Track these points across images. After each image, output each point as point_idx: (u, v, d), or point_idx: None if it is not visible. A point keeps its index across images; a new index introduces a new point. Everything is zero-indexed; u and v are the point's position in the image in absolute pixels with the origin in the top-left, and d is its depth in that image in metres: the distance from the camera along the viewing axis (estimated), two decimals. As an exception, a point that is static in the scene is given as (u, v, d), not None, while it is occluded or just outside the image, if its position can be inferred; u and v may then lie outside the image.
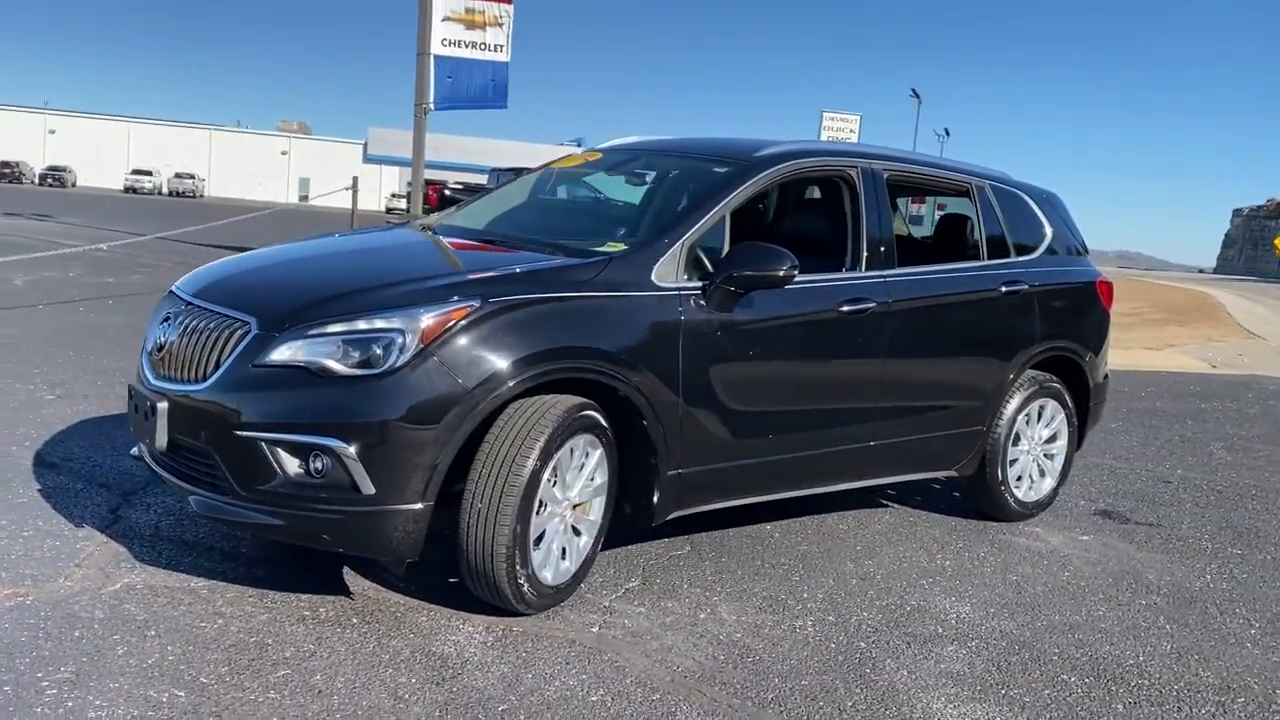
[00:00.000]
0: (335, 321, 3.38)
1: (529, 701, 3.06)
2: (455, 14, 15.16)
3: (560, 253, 4.04)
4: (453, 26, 15.16)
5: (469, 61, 15.15)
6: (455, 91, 15.06)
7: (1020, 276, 5.17)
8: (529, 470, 3.44)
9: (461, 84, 15.08)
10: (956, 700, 3.34)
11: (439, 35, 14.99)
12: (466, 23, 15.23)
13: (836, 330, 4.39)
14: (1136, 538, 5.34)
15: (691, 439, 3.97)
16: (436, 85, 14.93)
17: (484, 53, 15.25)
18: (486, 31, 15.27)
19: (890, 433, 4.70)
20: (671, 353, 3.86)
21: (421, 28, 15.04)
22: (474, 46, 15.24)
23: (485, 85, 15.06)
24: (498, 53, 15.32)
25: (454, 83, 15.05)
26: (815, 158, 4.66)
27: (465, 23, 15.22)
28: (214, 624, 3.38)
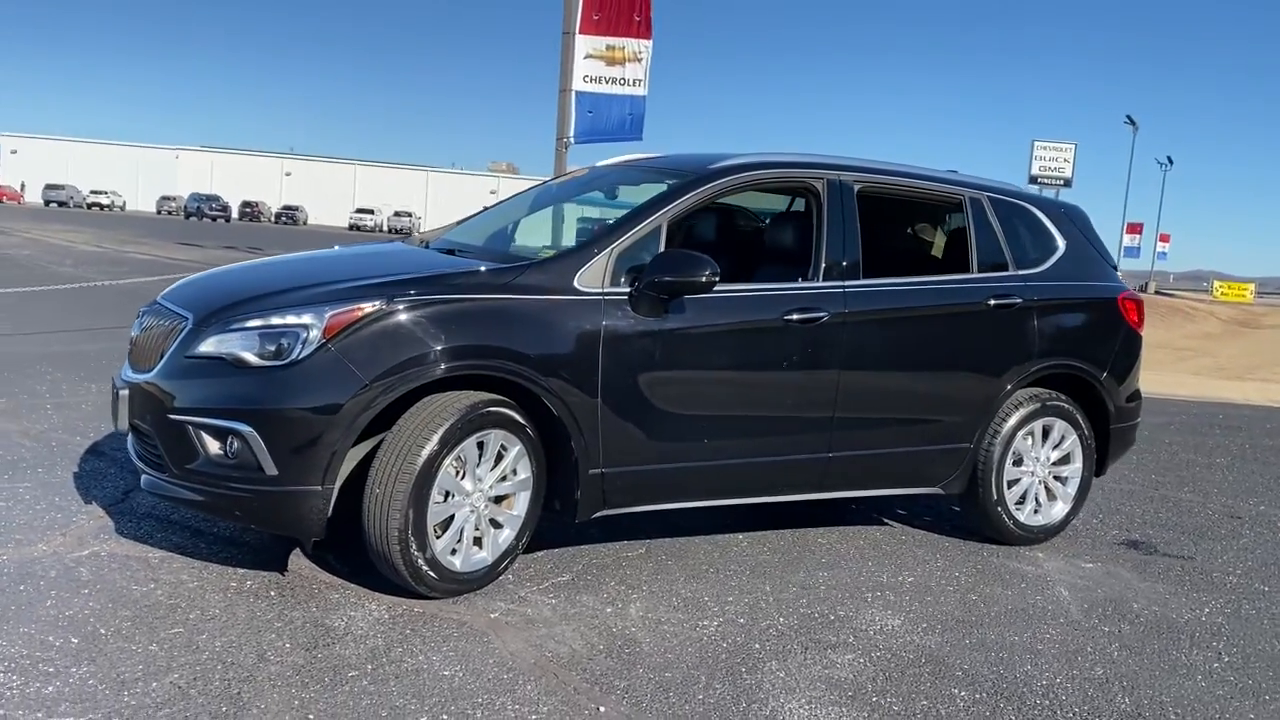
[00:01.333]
0: (253, 317, 3.73)
1: (381, 671, 3.26)
2: (596, 51, 15.69)
3: (503, 260, 4.26)
4: (594, 63, 15.69)
5: (608, 97, 15.63)
6: (595, 126, 15.57)
7: (1014, 290, 5.01)
8: (422, 459, 3.66)
9: (601, 118, 15.57)
10: (818, 703, 3.31)
11: (580, 72, 15.54)
12: (607, 59, 15.73)
13: (781, 339, 4.40)
14: (1152, 569, 5.03)
15: (614, 440, 4.09)
16: (577, 120, 15.47)
17: (622, 88, 15.69)
18: (625, 67, 15.71)
19: (852, 445, 4.65)
20: (590, 355, 4.00)
21: (564, 66, 15.64)
22: (613, 82, 15.71)
23: (623, 119, 15.49)
24: (635, 87, 15.72)
25: (594, 117, 15.57)
26: (773, 169, 4.70)
27: (606, 59, 15.73)
28: (144, 588, 3.76)
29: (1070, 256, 5.33)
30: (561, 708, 3.14)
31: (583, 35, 15.57)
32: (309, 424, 3.60)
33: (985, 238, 5.08)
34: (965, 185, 5.18)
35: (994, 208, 5.16)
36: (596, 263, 4.12)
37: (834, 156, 4.88)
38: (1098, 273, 5.43)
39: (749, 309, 4.37)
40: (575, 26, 15.60)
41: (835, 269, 4.59)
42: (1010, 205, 5.25)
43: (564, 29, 15.82)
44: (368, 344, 3.67)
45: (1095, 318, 5.33)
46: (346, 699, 3.07)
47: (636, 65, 15.73)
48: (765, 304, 4.41)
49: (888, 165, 5.10)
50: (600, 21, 15.69)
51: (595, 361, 4.01)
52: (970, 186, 5.18)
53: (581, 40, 15.55)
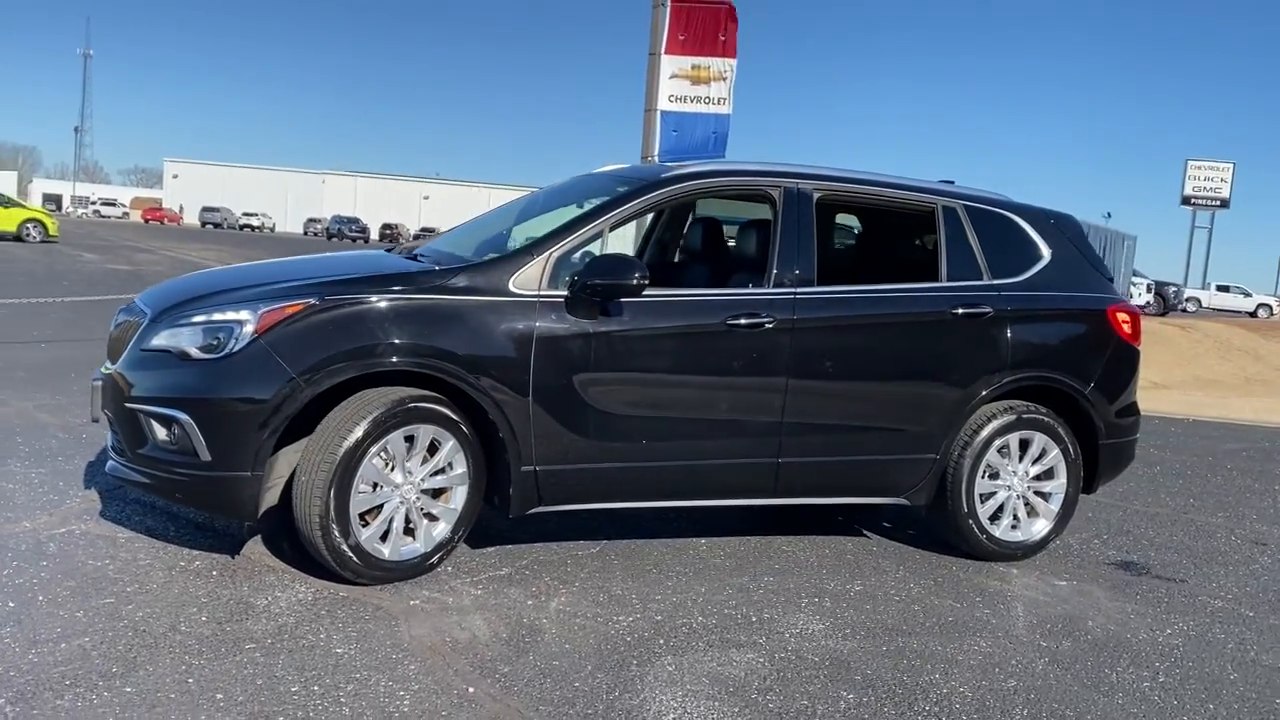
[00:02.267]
0: (199, 314, 4.01)
1: (276, 645, 3.46)
2: (682, 71, 15.85)
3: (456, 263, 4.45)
4: (679, 83, 15.84)
5: (692, 115, 15.75)
6: (679, 144, 15.69)
7: (985, 299, 4.92)
8: (342, 450, 3.87)
9: (685, 137, 15.68)
10: (694, 697, 3.36)
11: (665, 92, 15.71)
12: (692, 79, 15.86)
13: (723, 344, 4.45)
14: (1132, 590, 4.86)
15: (546, 438, 4.22)
16: (662, 139, 15.62)
17: (707, 106, 15.78)
18: (710, 86, 15.82)
19: (803, 452, 4.65)
20: (522, 355, 4.14)
21: (649, 86, 15.86)
22: (698, 101, 15.84)
23: (707, 138, 15.56)
24: (720, 105, 15.79)
25: (678, 136, 15.69)
26: (724, 178, 4.78)
27: (691, 79, 15.86)
28: (98, 563, 4.06)
29: (1056, 266, 5.20)
30: (432, 687, 3.27)
31: (668, 56, 15.77)
32: (240, 413, 3.84)
33: (957, 247, 5.01)
34: (940, 194, 5.12)
35: (970, 217, 5.08)
36: (533, 266, 4.26)
37: (802, 166, 4.91)
38: (1087, 283, 5.28)
39: (688, 313, 4.44)
40: (661, 48, 15.79)
41: (787, 276, 4.62)
42: (989, 214, 5.16)
43: (650, 50, 16.04)
44: (296, 340, 3.90)
45: (1080, 329, 5.19)
46: (231, 667, 3.27)
47: (721, 84, 15.83)
48: (705, 309, 4.47)
49: (858, 174, 5.10)
50: (686, 42, 15.85)
51: (527, 361, 4.15)
52: (945, 195, 5.12)
53: (667, 61, 15.74)
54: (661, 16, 15.82)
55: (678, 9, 15.78)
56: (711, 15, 15.89)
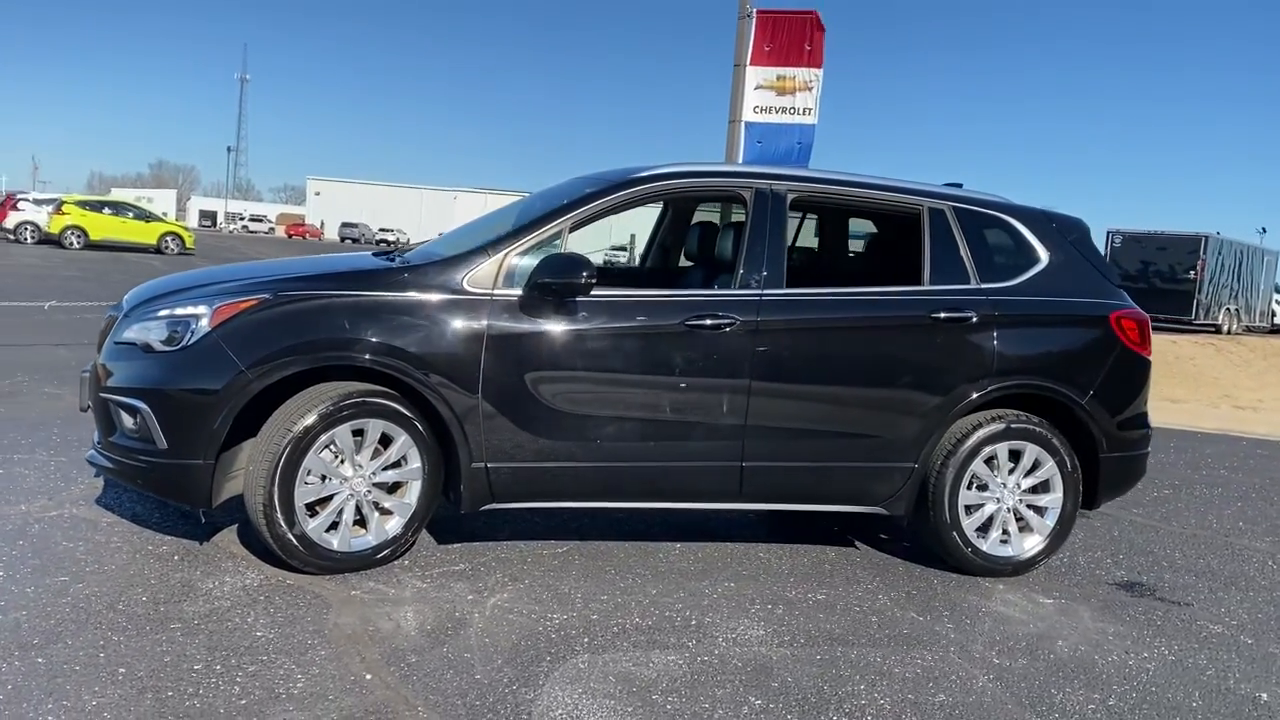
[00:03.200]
0: (164, 308, 4.20)
1: (201, 626, 3.59)
2: (767, 82, 15.79)
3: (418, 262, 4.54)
4: (765, 94, 15.79)
5: (777, 126, 15.66)
6: (763, 155, 15.61)
7: (969, 304, 4.75)
8: (284, 441, 4.00)
9: (769, 148, 15.61)
10: (592, 695, 3.34)
11: (750, 103, 15.68)
12: (778, 89, 15.79)
13: (681, 345, 4.41)
14: (1124, 611, 4.60)
15: (497, 436, 4.26)
16: (746, 150, 15.59)
17: (792, 116, 15.67)
18: (796, 96, 15.70)
19: (769, 456, 4.57)
20: (472, 352, 4.20)
21: (734, 97, 15.84)
22: (783, 111, 15.73)
23: (791, 148, 15.45)
24: (805, 115, 15.67)
25: (763, 147, 15.62)
26: (694, 178, 4.73)
27: (776, 89, 15.79)
28: (72, 544, 4.29)
29: (1054, 271, 4.98)
30: (332, 672, 3.34)
31: (753, 67, 15.72)
32: (193, 403, 4.01)
33: (941, 249, 4.85)
34: (927, 195, 4.96)
35: (958, 219, 4.92)
36: (488, 265, 4.32)
37: (780, 167, 4.84)
38: (1090, 288, 5.03)
39: (644, 314, 4.41)
40: (746, 59, 15.77)
41: (754, 277, 4.56)
42: (979, 216, 4.98)
43: (735, 61, 16.02)
44: (247, 334, 4.04)
45: (1079, 336, 4.95)
46: (147, 644, 3.41)
47: (807, 94, 15.69)
48: (663, 309, 4.44)
49: (841, 175, 4.99)
50: (771, 53, 15.79)
51: (477, 358, 4.20)
52: (932, 196, 4.97)
53: (752, 72, 15.69)
54: (747, 28, 15.83)
55: (763, 19, 15.77)
56: (797, 25, 15.81)
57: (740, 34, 15.89)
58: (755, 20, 15.67)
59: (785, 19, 15.88)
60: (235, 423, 4.05)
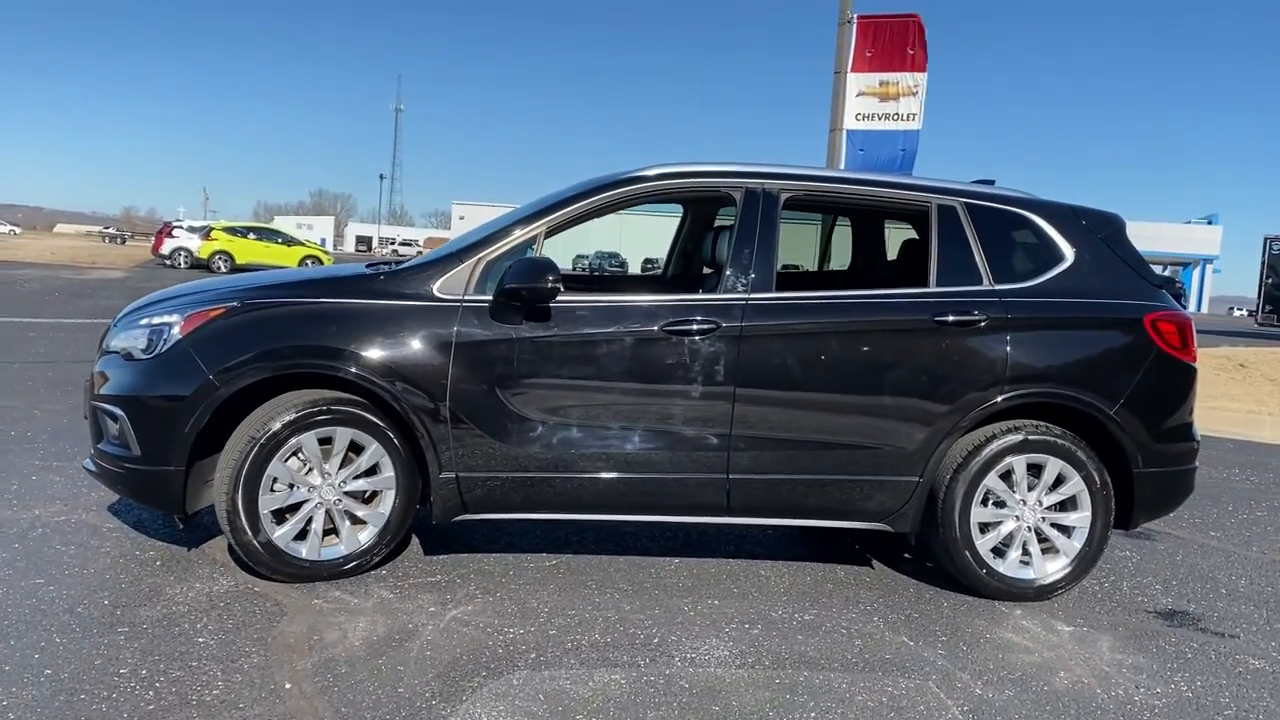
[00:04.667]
0: (143, 317, 4.28)
1: (149, 630, 3.61)
2: (869, 88, 15.38)
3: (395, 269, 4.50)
4: (867, 100, 15.39)
5: (879, 133, 15.23)
6: (865, 163, 15.20)
7: (977, 305, 4.42)
8: (245, 449, 4.01)
9: (872, 155, 15.18)
10: (513, 714, 3.19)
11: (852, 110, 15.32)
12: (880, 95, 15.36)
13: (659, 351, 4.24)
14: (1153, 643, 4.18)
15: (467, 445, 4.17)
16: (848, 158, 15.22)
17: (896, 123, 15.22)
18: (899, 102, 15.24)
19: (758, 469, 4.34)
20: (440, 359, 4.14)
21: (835, 105, 15.50)
22: (886, 118, 15.30)
23: (894, 155, 14.99)
24: (910, 121, 15.19)
25: (865, 155, 15.21)
26: (681, 179, 4.54)
27: (879, 95, 15.36)
28: (65, 548, 4.40)
29: (1081, 270, 4.59)
30: (254, 680, 3.29)
31: (855, 73, 15.34)
32: (163, 410, 4.06)
33: (951, 248, 4.53)
34: (936, 191, 4.65)
35: (971, 216, 4.59)
36: (460, 271, 4.25)
37: (775, 165, 4.62)
38: (1123, 288, 4.62)
39: (619, 319, 4.26)
40: (847, 65, 15.40)
41: (740, 280, 4.35)
42: (995, 213, 4.64)
43: (835, 69, 15.67)
44: (214, 341, 4.07)
45: (1107, 340, 4.54)
46: (86, 647, 3.44)
47: (911, 99, 15.20)
48: (640, 315, 4.27)
49: (841, 173, 4.73)
50: (873, 58, 15.37)
51: (445, 366, 4.13)
52: (942, 192, 4.65)
53: (854, 78, 15.31)
54: (847, 34, 15.49)
55: (864, 24, 15.40)
56: (899, 29, 15.38)
57: (840, 40, 15.54)
58: (856, 26, 15.31)
59: (886, 23, 15.46)
60: (215, 430, 4.08)
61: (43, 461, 5.82)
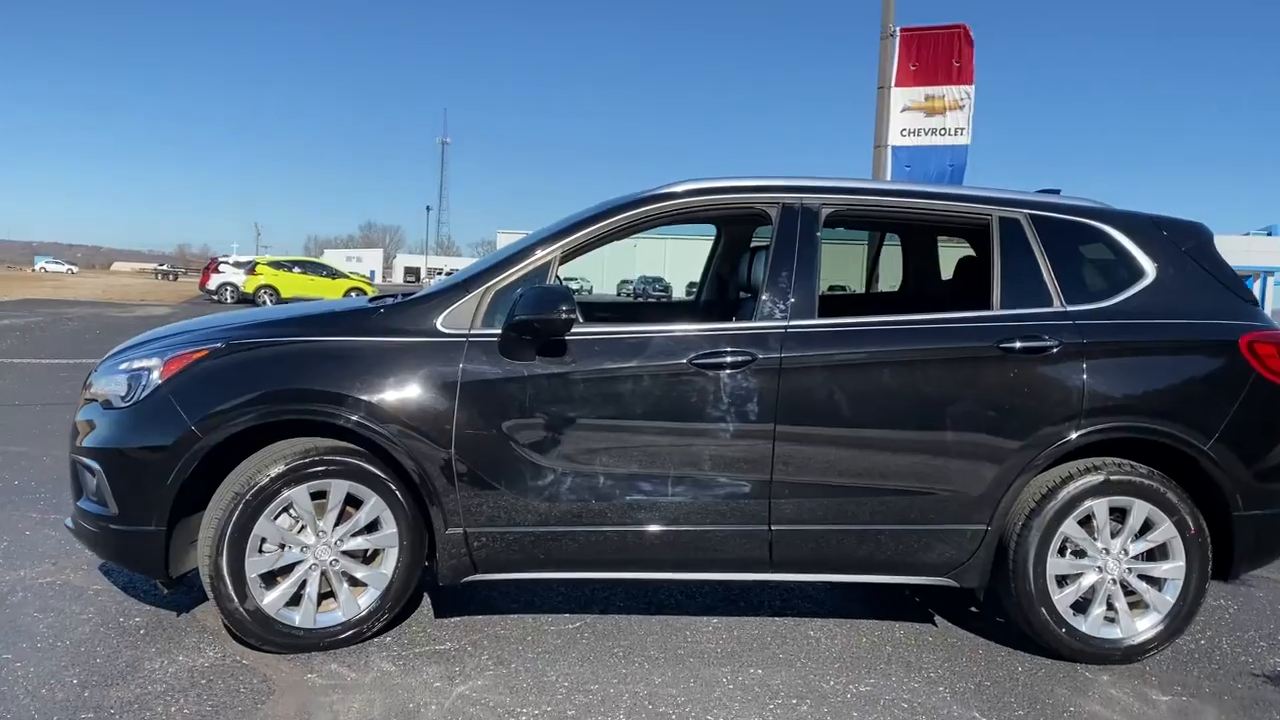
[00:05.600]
0: (125, 361, 3.90)
1: (115, 717, 3.19)
2: (915, 103, 14.85)
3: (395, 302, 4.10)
4: (913, 116, 14.87)
5: (926, 149, 14.69)
6: (912, 179, 14.68)
7: (1048, 330, 3.91)
8: (233, 507, 3.60)
9: (918, 171, 14.61)
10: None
11: (898, 126, 14.81)
12: (927, 110, 14.83)
13: (688, 387, 3.78)
14: (1269, 716, 3.62)
15: (476, 497, 3.75)
16: (894, 175, 14.68)
17: (943, 138, 14.68)
18: (946, 116, 14.70)
19: (803, 518, 3.86)
20: (444, 401, 3.71)
21: (879, 121, 15.01)
22: (933, 133, 14.76)
23: (943, 170, 14.40)
24: (958, 136, 14.63)
25: (911, 171, 14.65)
26: (707, 195, 4.09)
27: (925, 110, 14.83)
28: (43, 615, 4.03)
29: (1164, 287, 4.07)
30: (224, 779, 2.87)
31: (899, 88, 14.83)
32: (140, 463, 3.67)
33: (1016, 265, 4.03)
34: (997, 202, 4.16)
35: (1037, 228, 4.09)
36: (466, 302, 3.84)
37: (814, 177, 4.16)
38: (1212, 307, 4.09)
39: (643, 353, 3.81)
40: (891, 80, 14.90)
41: (778, 306, 3.89)
42: (1065, 225, 4.13)
43: (879, 84, 15.18)
44: (195, 386, 3.68)
45: (1197, 365, 4.01)
46: (39, 739, 3.04)
47: (958, 113, 14.65)
48: (667, 347, 3.82)
49: (886, 184, 4.26)
50: (918, 72, 14.85)
51: (449, 408, 3.71)
52: (1005, 204, 4.16)
53: (898, 93, 14.80)
54: (890, 47, 15.01)
55: (907, 37, 14.91)
56: (945, 40, 14.88)
57: (883, 54, 15.06)
58: (899, 39, 14.82)
59: (931, 35, 14.95)
60: (200, 484, 3.69)
61: (41, 515, 5.48)
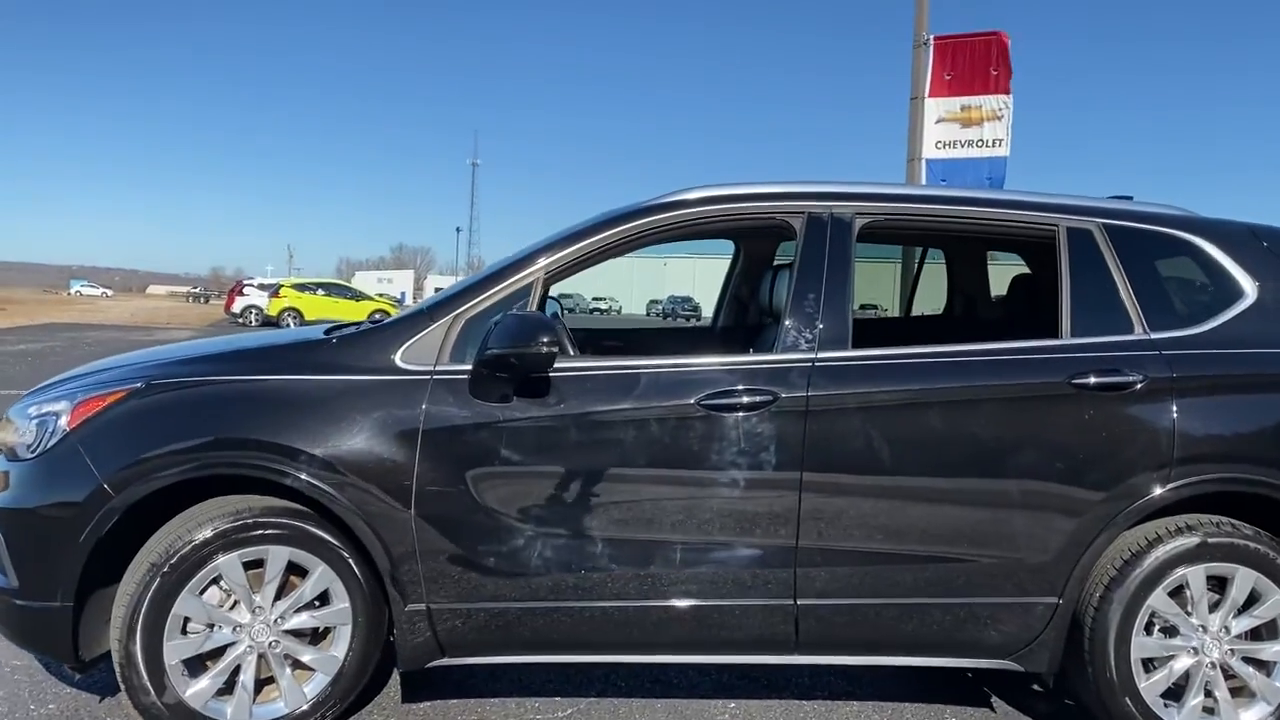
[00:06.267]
0: (32, 404, 3.32)
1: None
2: (950, 114, 14.18)
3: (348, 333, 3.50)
4: (947, 127, 14.19)
5: (963, 161, 13.99)
6: (950, 193, 14.00)
7: (1130, 363, 3.25)
8: (139, 580, 3.02)
9: (954, 186, 13.95)
10: None
11: (932, 138, 14.14)
12: (962, 121, 14.15)
13: (694, 434, 3.15)
14: None
15: (441, 566, 3.14)
16: (929, 190, 14.02)
17: (980, 149, 13.98)
18: (984, 127, 14.01)
19: (834, 590, 3.21)
20: (403, 451, 3.10)
21: (912, 133, 14.34)
22: (969, 145, 14.07)
23: (980, 183, 13.70)
24: (996, 147, 13.92)
25: (947, 185, 13.98)
26: (723, 204, 3.46)
27: (961, 121, 14.16)
28: (-60, 701, 3.43)
29: (1268, 309, 3.40)
30: None
31: (933, 99, 14.16)
32: (43, 527, 3.09)
33: (1089, 284, 3.38)
34: (1065, 210, 3.50)
35: (1114, 241, 3.43)
36: (431, 333, 3.24)
37: (844, 183, 3.52)
38: (1328, 332, 3.41)
39: (642, 391, 3.18)
40: (924, 90, 14.23)
41: (803, 334, 3.26)
42: (1147, 236, 3.47)
43: (912, 94, 14.52)
44: (109, 434, 3.10)
45: (1313, 404, 3.33)
46: None
47: (996, 124, 13.94)
48: (668, 384, 3.20)
49: (931, 190, 3.63)
50: (953, 81, 14.17)
51: (409, 460, 3.10)
52: (1073, 211, 3.50)
53: (932, 104, 14.13)
54: (923, 56, 14.36)
55: (941, 46, 14.25)
56: (981, 48, 14.19)
57: (916, 64, 14.39)
58: (933, 47, 14.15)
59: (967, 43, 14.26)
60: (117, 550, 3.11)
61: None
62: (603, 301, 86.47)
